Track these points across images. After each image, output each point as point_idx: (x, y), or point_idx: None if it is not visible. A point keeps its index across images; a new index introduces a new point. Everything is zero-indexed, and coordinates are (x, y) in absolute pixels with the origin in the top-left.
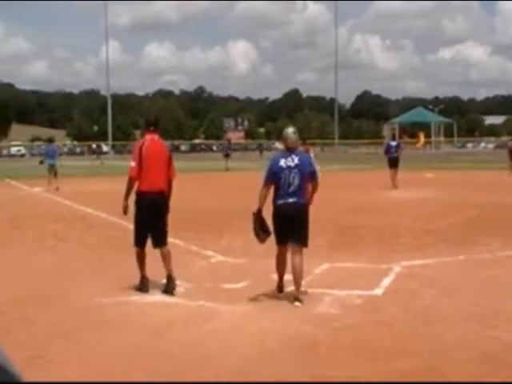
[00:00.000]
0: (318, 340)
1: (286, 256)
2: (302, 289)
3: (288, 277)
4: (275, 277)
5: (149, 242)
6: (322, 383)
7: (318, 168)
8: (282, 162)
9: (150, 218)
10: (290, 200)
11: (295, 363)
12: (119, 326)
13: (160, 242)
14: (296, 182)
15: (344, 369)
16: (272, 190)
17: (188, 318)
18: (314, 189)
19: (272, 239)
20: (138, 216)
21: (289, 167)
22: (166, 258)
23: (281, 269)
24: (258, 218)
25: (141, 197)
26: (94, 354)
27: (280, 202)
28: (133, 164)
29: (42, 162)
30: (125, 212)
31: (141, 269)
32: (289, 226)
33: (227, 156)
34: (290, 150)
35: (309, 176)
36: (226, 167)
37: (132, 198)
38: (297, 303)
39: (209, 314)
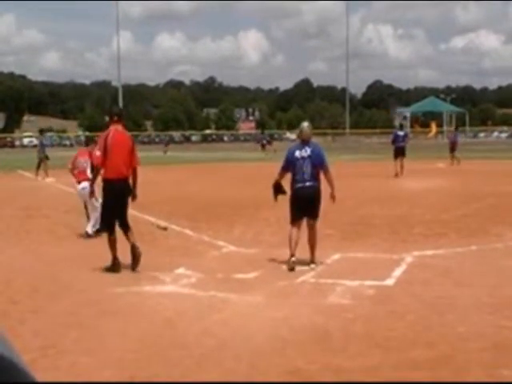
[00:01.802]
0: (330, 330)
1: (298, 231)
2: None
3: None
4: (286, 267)
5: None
6: (322, 383)
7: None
8: (298, 153)
9: (117, 203)
10: (307, 184)
11: (308, 353)
12: (132, 316)
13: (125, 225)
14: (309, 169)
15: (356, 359)
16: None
17: (200, 307)
18: (327, 175)
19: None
20: (106, 202)
21: (303, 157)
22: (132, 235)
23: (293, 242)
24: (277, 185)
25: (107, 184)
26: (107, 343)
27: (298, 186)
28: (98, 153)
29: (47, 157)
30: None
31: (113, 251)
32: (305, 205)
33: (263, 146)
34: (304, 142)
35: (319, 164)
36: (266, 155)
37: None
38: (312, 265)
39: (221, 303)
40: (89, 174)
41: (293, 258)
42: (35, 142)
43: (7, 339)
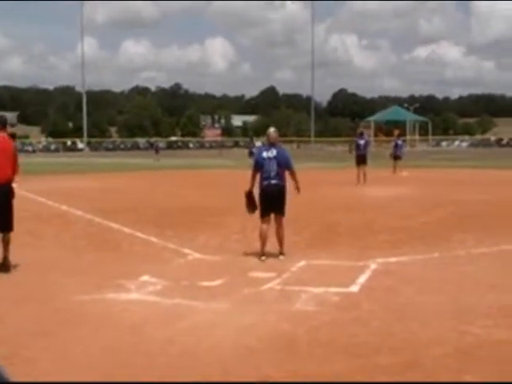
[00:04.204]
0: (296, 337)
1: (268, 226)
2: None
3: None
4: (251, 274)
5: None
6: (304, 383)
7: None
8: (265, 154)
9: (2, 206)
10: (272, 182)
11: (273, 360)
12: (97, 324)
13: (8, 227)
14: (275, 168)
15: (322, 365)
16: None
17: (165, 315)
18: (292, 175)
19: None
20: None
21: (269, 158)
22: (8, 243)
23: (263, 237)
24: (249, 196)
25: None
26: (72, 351)
27: (265, 183)
28: None
29: None
30: None
31: None
32: (272, 202)
33: (251, 154)
34: (271, 145)
35: (285, 165)
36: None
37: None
38: (281, 257)
39: (186, 311)
40: None
41: (263, 257)
42: None
43: None
